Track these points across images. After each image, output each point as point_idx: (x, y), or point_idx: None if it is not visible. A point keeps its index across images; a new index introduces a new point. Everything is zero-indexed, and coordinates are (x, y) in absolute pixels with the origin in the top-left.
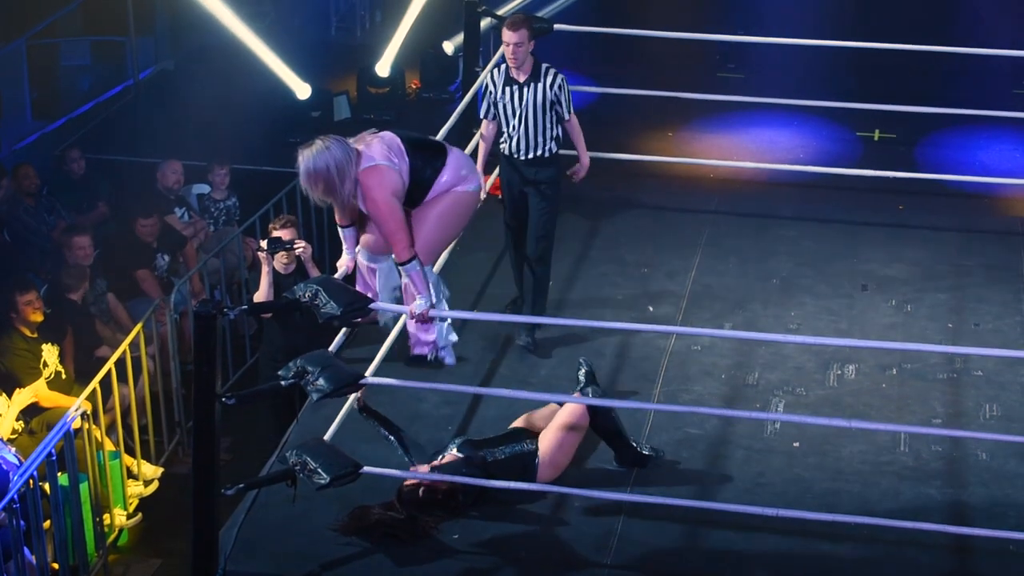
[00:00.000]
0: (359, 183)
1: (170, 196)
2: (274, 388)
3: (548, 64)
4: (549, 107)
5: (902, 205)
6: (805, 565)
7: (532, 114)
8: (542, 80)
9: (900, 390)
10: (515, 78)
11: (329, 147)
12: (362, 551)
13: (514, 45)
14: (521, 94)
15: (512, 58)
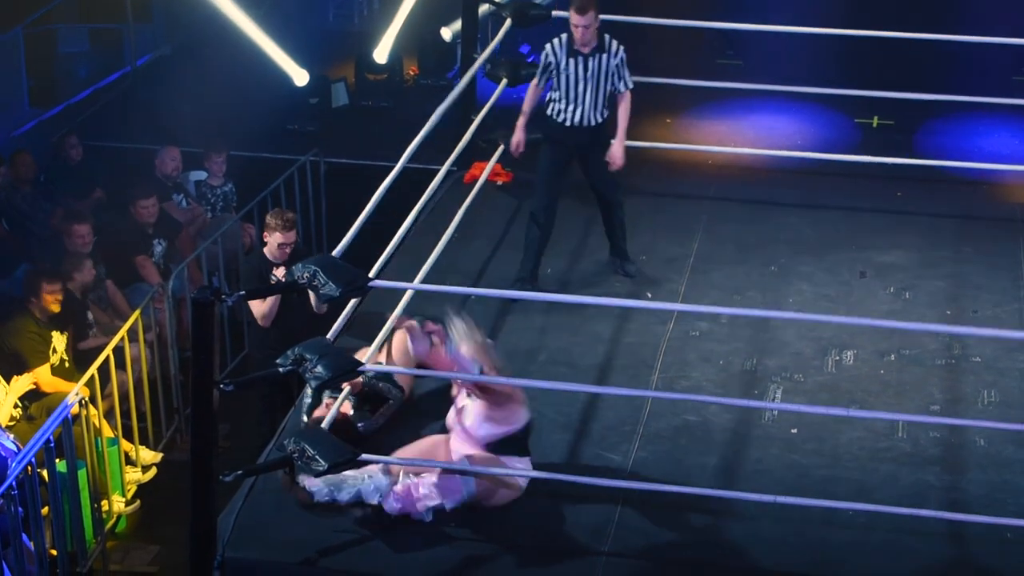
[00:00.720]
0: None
1: (168, 183)
2: (272, 375)
3: (608, 35)
4: (612, 76)
5: (900, 192)
6: (803, 552)
7: (597, 84)
8: (607, 51)
9: (898, 376)
10: (579, 50)
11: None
12: (361, 538)
13: (583, 28)
14: (587, 65)
15: (582, 39)
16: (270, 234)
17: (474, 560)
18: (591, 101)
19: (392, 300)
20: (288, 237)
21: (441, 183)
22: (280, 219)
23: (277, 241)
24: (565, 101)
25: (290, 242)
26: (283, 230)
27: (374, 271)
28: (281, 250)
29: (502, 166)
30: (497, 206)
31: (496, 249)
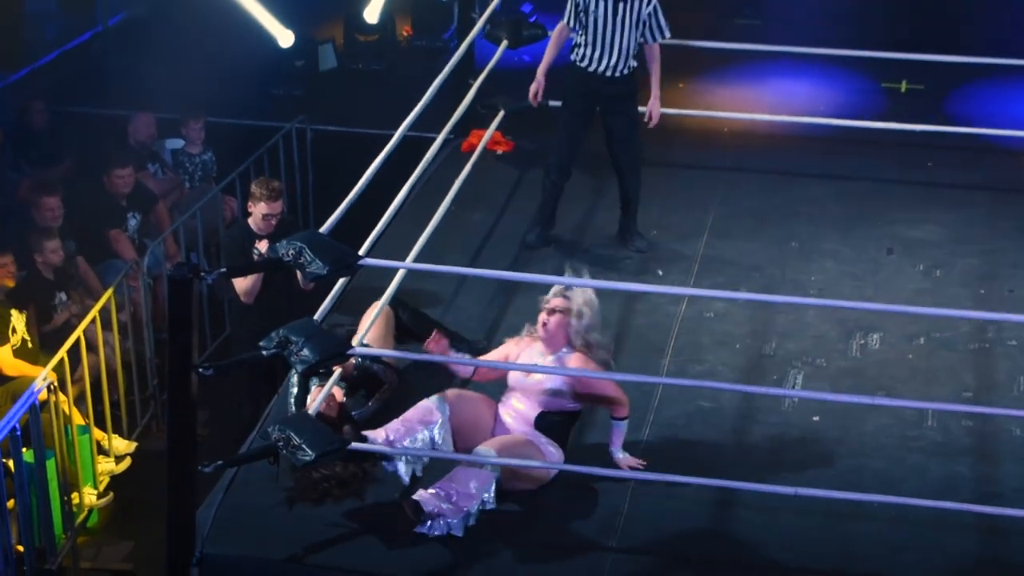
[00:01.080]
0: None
1: (143, 151)
2: (255, 358)
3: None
4: (643, 25)
5: (931, 162)
6: (825, 547)
7: (625, 30)
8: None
9: (928, 361)
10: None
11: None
12: (349, 532)
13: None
14: (616, 8)
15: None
16: (254, 204)
17: (472, 556)
18: (619, 48)
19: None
20: (273, 207)
21: (437, 152)
22: (265, 188)
23: (262, 212)
24: (591, 47)
25: (275, 213)
26: (268, 200)
27: (364, 248)
28: (266, 221)
29: (502, 134)
30: (497, 177)
31: (496, 223)
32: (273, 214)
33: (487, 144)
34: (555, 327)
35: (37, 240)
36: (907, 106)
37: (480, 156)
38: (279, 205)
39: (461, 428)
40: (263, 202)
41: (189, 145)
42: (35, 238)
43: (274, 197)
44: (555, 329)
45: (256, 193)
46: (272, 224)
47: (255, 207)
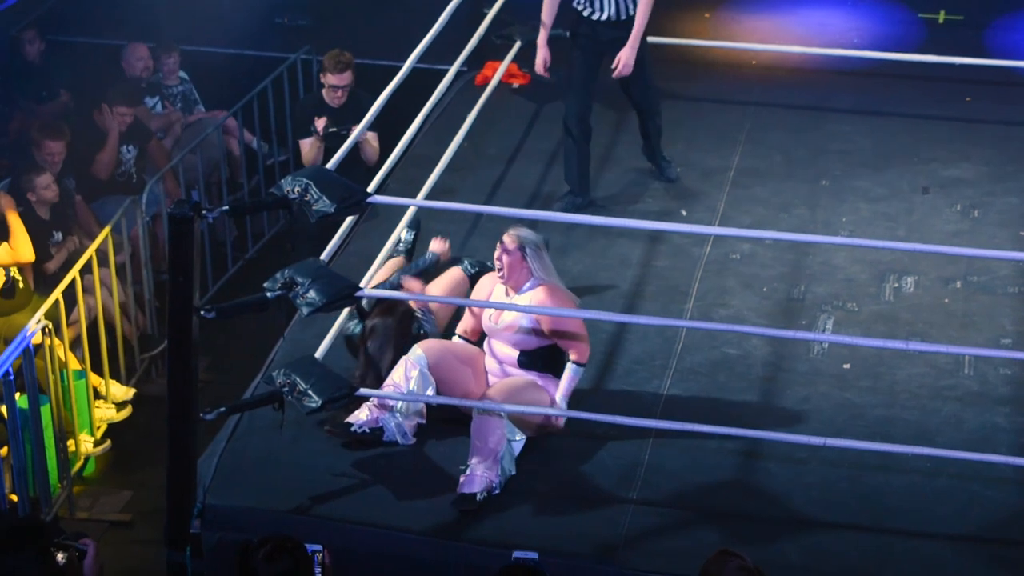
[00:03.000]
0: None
1: (141, 84)
2: (260, 300)
3: None
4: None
5: (969, 97)
6: (855, 500)
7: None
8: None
9: (964, 306)
10: None
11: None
12: (358, 483)
13: None
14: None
15: None
16: (324, 76)
17: (487, 509)
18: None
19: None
20: (341, 79)
21: (450, 85)
22: (333, 60)
23: (329, 83)
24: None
25: (343, 84)
26: (335, 71)
27: (373, 185)
28: (334, 92)
29: (518, 66)
30: (513, 111)
31: (512, 160)
32: (340, 86)
33: (502, 77)
34: (511, 265)
35: (28, 178)
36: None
37: (495, 89)
38: (347, 77)
39: (447, 379)
40: (330, 73)
41: (166, 78)
42: (26, 176)
43: (341, 68)
44: (512, 266)
45: (325, 64)
46: (340, 97)
47: (324, 78)
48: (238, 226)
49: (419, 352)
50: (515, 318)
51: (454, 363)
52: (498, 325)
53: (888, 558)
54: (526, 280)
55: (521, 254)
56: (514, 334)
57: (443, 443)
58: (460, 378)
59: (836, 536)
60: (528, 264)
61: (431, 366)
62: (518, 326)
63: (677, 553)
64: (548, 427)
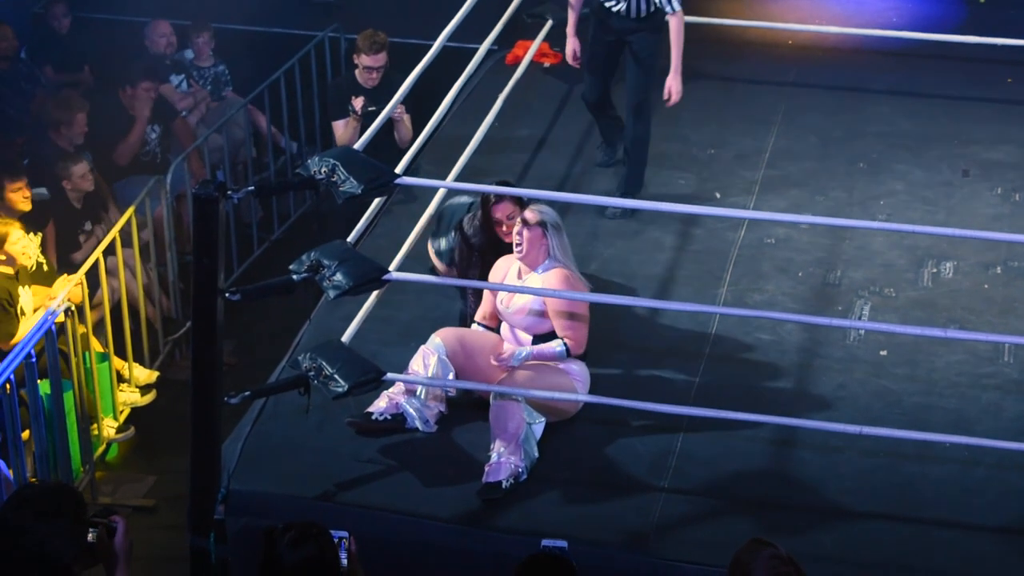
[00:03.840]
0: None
1: (165, 62)
2: (286, 283)
3: None
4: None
5: (1011, 78)
6: (891, 490)
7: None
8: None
9: (1005, 291)
10: None
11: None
12: (383, 470)
13: None
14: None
15: None
16: (357, 57)
17: (515, 497)
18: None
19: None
20: (376, 60)
21: (480, 64)
22: (368, 40)
23: (364, 64)
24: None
25: (377, 66)
26: (369, 52)
27: (402, 166)
28: (369, 73)
29: (549, 45)
30: (544, 91)
31: (543, 140)
32: (375, 67)
33: (533, 56)
34: (531, 240)
35: (64, 165)
36: (987, 17)
37: (526, 69)
38: (382, 58)
39: (465, 366)
40: (364, 54)
41: (198, 58)
42: (62, 163)
43: (376, 49)
44: (532, 242)
45: (359, 45)
46: (374, 78)
47: (358, 59)
48: (264, 207)
49: (437, 340)
50: (526, 301)
51: (472, 350)
52: (509, 308)
53: (924, 549)
54: (544, 259)
55: (542, 230)
56: (525, 317)
57: (469, 430)
58: (478, 365)
59: (871, 526)
60: (548, 242)
61: (449, 354)
62: (528, 309)
63: (709, 542)
64: (567, 411)
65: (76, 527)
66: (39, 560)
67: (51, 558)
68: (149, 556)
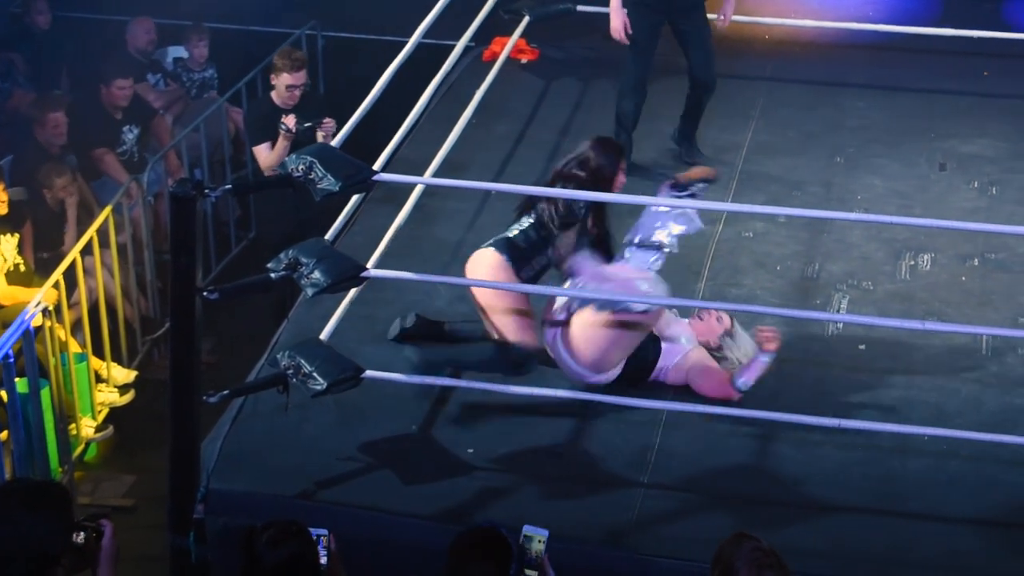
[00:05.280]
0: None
1: (143, 60)
2: (264, 281)
3: None
4: None
5: (987, 71)
6: (870, 483)
7: None
8: None
9: (983, 284)
10: None
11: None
12: (364, 467)
13: None
14: None
15: None
16: (276, 76)
17: (497, 493)
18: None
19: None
20: (297, 78)
21: (457, 61)
22: (287, 58)
23: (285, 83)
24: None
25: (299, 83)
26: (291, 70)
27: (380, 163)
28: (290, 92)
29: (527, 41)
30: (521, 87)
31: (520, 137)
32: (297, 84)
33: (510, 53)
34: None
35: (47, 174)
36: (963, 10)
37: (503, 65)
38: (303, 75)
39: None
40: (285, 72)
41: (191, 61)
42: (45, 171)
43: (297, 67)
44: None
45: (278, 64)
46: (296, 96)
47: (278, 79)
48: (241, 205)
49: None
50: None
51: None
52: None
53: (904, 541)
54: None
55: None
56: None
57: (450, 427)
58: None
59: (851, 520)
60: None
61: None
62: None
63: (689, 538)
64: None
65: (62, 521)
66: (24, 550)
67: (36, 549)
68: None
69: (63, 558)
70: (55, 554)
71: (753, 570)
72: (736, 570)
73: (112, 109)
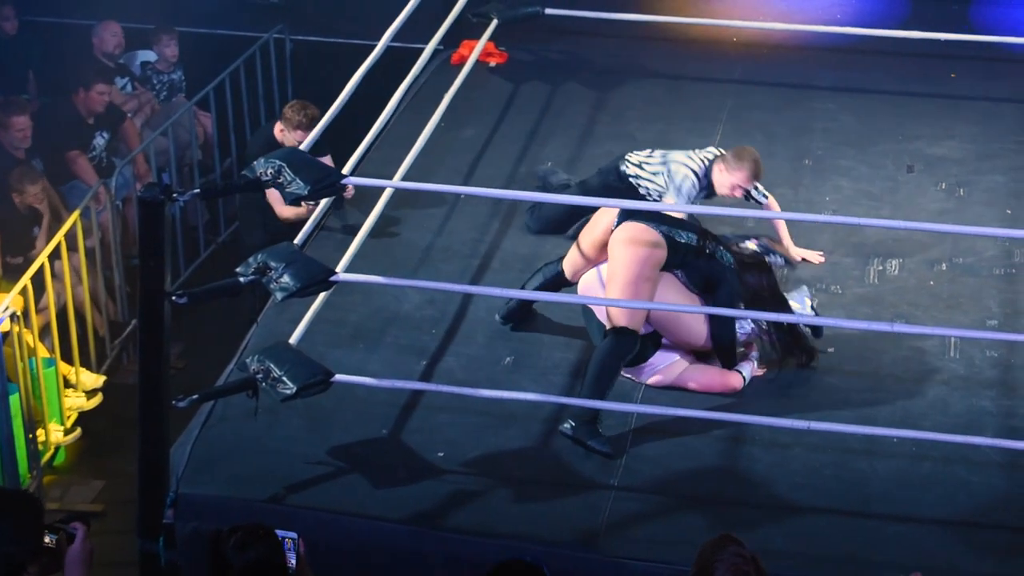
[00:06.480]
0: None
1: (111, 64)
2: (232, 285)
3: None
4: None
5: (955, 73)
6: (839, 485)
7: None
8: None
9: (950, 287)
10: None
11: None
12: (334, 471)
13: None
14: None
15: None
16: (290, 131)
17: (464, 496)
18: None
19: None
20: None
21: (426, 65)
22: (303, 115)
23: (298, 139)
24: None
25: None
26: (307, 128)
27: (348, 166)
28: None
29: (495, 44)
30: (490, 90)
31: (489, 140)
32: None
33: (479, 56)
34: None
35: (19, 180)
36: (930, 13)
37: (472, 69)
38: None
39: None
40: (300, 131)
41: (160, 62)
42: (17, 177)
43: (312, 125)
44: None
45: (293, 120)
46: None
47: (290, 134)
48: (210, 209)
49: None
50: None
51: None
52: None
53: (873, 543)
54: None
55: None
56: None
57: (420, 431)
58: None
59: (821, 521)
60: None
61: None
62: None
63: (659, 540)
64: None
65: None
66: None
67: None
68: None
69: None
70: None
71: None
72: (713, 572)
73: (87, 114)
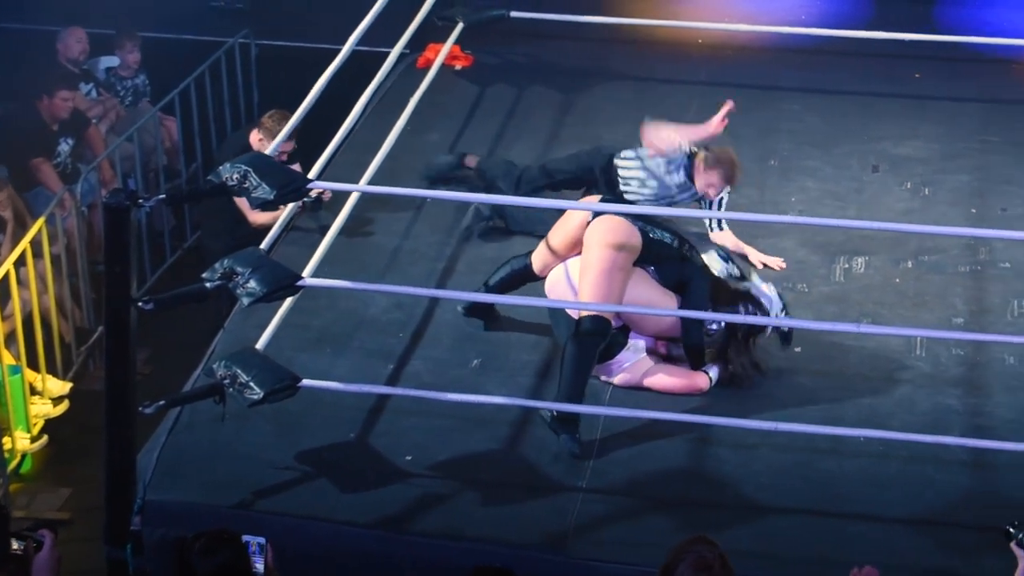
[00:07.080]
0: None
1: (75, 70)
2: (199, 290)
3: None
4: None
5: (919, 73)
6: (807, 484)
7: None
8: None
9: (916, 285)
10: None
11: None
12: (302, 476)
13: None
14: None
15: None
16: (269, 141)
17: (435, 500)
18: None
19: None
20: (287, 145)
21: (391, 68)
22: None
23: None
24: None
25: (289, 151)
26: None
27: (314, 171)
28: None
29: (460, 48)
30: (455, 94)
31: (455, 143)
32: (287, 151)
33: (444, 59)
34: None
35: None
36: (894, 14)
37: (437, 72)
38: (292, 144)
39: None
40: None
41: (122, 68)
42: None
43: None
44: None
45: (273, 130)
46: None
47: (268, 143)
48: (176, 215)
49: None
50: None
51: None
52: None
53: (841, 542)
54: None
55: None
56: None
57: (387, 435)
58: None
59: (788, 521)
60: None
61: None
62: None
63: (627, 542)
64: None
65: None
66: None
67: None
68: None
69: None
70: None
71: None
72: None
73: (51, 120)
